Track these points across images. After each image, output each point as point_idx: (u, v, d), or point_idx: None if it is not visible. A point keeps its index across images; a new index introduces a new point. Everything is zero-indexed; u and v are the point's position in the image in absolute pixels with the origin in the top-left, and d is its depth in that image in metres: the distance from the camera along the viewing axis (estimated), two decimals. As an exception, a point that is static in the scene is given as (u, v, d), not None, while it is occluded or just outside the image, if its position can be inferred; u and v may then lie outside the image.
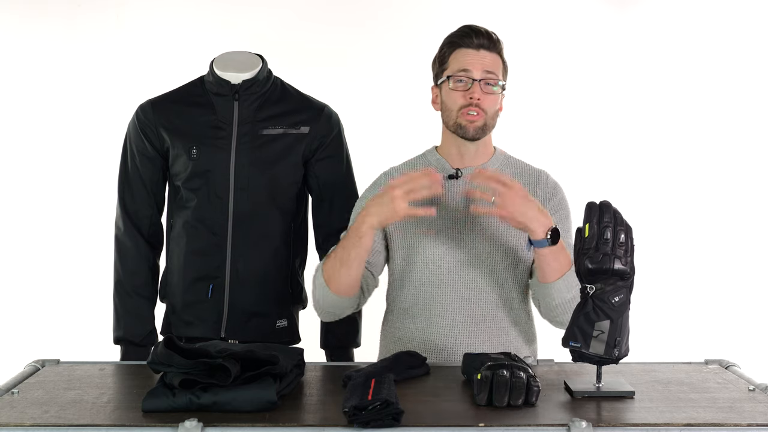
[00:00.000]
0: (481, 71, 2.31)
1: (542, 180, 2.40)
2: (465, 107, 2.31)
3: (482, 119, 2.32)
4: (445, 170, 2.39)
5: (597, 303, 1.90)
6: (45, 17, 4.23)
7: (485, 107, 2.31)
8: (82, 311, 4.12)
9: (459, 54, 2.33)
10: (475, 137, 2.33)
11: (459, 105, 2.31)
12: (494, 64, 2.33)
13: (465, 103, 2.31)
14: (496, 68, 2.33)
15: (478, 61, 2.31)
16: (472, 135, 2.33)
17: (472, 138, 2.33)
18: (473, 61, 2.31)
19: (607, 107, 4.32)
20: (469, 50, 2.33)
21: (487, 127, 2.34)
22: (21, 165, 4.26)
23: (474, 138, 2.33)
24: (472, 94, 2.30)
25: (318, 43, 4.19)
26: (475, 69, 2.31)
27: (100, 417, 1.77)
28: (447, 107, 2.35)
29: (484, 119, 2.32)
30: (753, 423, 1.74)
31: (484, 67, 2.31)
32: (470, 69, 2.31)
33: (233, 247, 2.58)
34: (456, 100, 2.32)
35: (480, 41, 2.32)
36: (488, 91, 2.31)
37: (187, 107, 2.63)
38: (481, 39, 2.32)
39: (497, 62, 2.34)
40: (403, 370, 2.06)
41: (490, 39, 2.33)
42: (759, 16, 4.31)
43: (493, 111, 2.33)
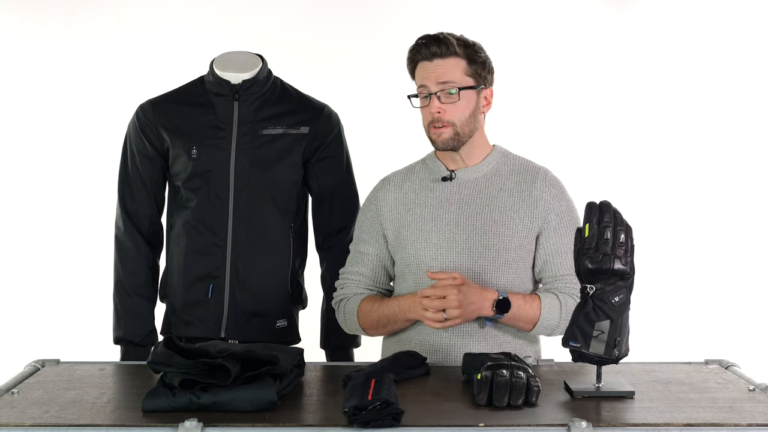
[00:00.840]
0: (434, 83, 2.29)
1: (540, 177, 2.38)
2: (431, 122, 2.31)
3: (450, 130, 2.30)
4: (440, 173, 2.40)
5: (597, 303, 1.90)
6: (45, 17, 4.23)
7: (450, 118, 2.29)
8: (82, 311, 4.12)
9: (418, 69, 2.33)
10: (447, 148, 2.33)
11: (427, 121, 2.33)
12: (451, 71, 2.29)
13: (431, 119, 2.31)
14: (454, 74, 2.29)
15: (431, 73, 2.29)
16: (442, 147, 2.33)
17: (444, 149, 2.34)
18: (427, 74, 2.30)
19: (607, 107, 4.32)
20: (424, 63, 2.31)
21: (460, 135, 2.32)
22: (21, 165, 4.25)
23: (447, 149, 2.33)
24: (431, 109, 2.30)
25: (318, 43, 4.19)
26: (430, 82, 2.30)
27: (100, 417, 1.77)
28: (422, 123, 2.36)
29: (453, 129, 2.30)
30: (753, 423, 1.74)
31: (438, 77, 2.29)
32: (426, 83, 2.30)
33: (233, 247, 2.58)
34: (425, 117, 2.34)
35: (431, 50, 2.29)
36: (449, 101, 2.29)
37: (187, 107, 2.63)
38: (432, 47, 2.29)
39: (456, 66, 2.29)
40: (403, 370, 2.06)
41: (441, 45, 2.29)
42: (759, 16, 4.31)
43: (462, 117, 2.31)
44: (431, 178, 2.40)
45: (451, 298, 2.18)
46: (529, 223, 2.34)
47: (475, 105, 2.33)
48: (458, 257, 2.32)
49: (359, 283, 2.41)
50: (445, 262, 2.32)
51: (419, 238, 2.34)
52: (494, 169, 2.39)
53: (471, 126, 2.33)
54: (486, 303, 2.23)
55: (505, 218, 2.33)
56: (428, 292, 2.21)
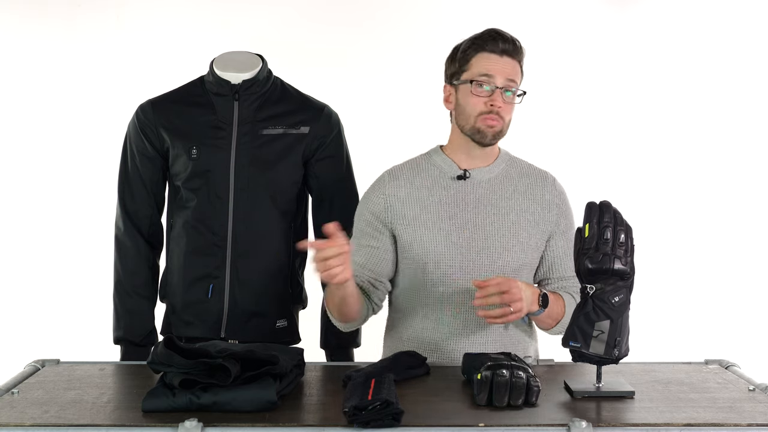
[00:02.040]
0: (503, 78, 2.29)
1: (549, 182, 2.40)
2: (484, 114, 2.29)
3: (500, 126, 2.30)
4: (452, 171, 2.38)
5: (597, 303, 1.91)
6: (45, 17, 4.23)
7: (504, 115, 2.30)
8: (82, 311, 4.11)
9: (482, 57, 2.30)
10: (491, 143, 2.33)
11: (479, 110, 2.29)
12: (515, 72, 2.31)
13: (485, 109, 2.29)
14: (518, 76, 2.32)
15: (501, 67, 2.29)
16: (489, 141, 2.32)
17: (489, 144, 2.33)
18: (496, 67, 2.29)
19: (607, 107, 4.32)
20: (492, 55, 2.30)
21: (502, 134, 2.33)
22: (21, 165, 4.25)
23: (490, 144, 2.33)
24: (494, 101, 2.28)
25: (318, 43, 4.19)
26: (498, 75, 2.29)
27: (100, 417, 1.78)
28: (464, 111, 2.32)
29: (502, 126, 2.31)
30: (753, 423, 1.74)
31: (507, 74, 2.29)
32: (493, 75, 2.29)
33: (233, 247, 2.58)
34: (475, 105, 2.30)
35: (505, 47, 2.30)
36: (508, 100, 2.30)
37: (187, 107, 2.63)
38: (506, 44, 2.30)
39: (518, 70, 2.32)
40: (403, 370, 2.06)
41: (514, 45, 2.31)
42: (759, 16, 4.31)
43: (509, 119, 2.32)
44: (443, 175, 2.38)
45: (515, 291, 2.14)
46: (543, 226, 2.35)
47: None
48: (478, 257, 2.31)
49: (360, 277, 2.36)
50: (464, 262, 2.31)
51: (438, 236, 2.32)
52: (504, 171, 2.39)
53: (507, 130, 2.35)
54: (535, 297, 2.22)
55: (521, 220, 2.34)
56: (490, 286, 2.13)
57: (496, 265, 2.31)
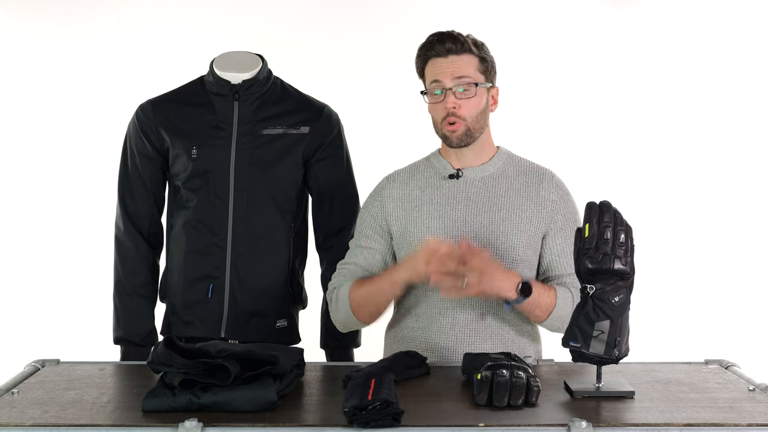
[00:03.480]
0: (450, 79, 2.29)
1: (546, 178, 2.40)
2: (445, 118, 2.31)
3: (462, 126, 2.31)
4: (446, 171, 2.39)
5: (597, 303, 1.91)
6: (45, 17, 4.23)
7: (463, 114, 2.30)
8: (82, 311, 4.12)
9: (430, 65, 2.33)
10: (461, 144, 2.33)
11: (440, 117, 2.32)
12: (466, 67, 2.30)
13: (444, 114, 2.31)
14: (469, 70, 2.31)
15: (446, 68, 2.30)
16: (456, 144, 2.33)
17: (458, 146, 2.34)
18: (442, 70, 2.30)
19: (607, 107, 4.32)
20: (438, 59, 2.31)
21: (471, 131, 2.32)
22: (21, 165, 4.26)
23: (459, 146, 2.33)
24: (446, 104, 2.30)
25: (318, 43, 4.19)
26: (445, 78, 2.30)
27: (100, 417, 1.78)
28: (432, 120, 2.37)
29: (465, 125, 2.31)
30: (753, 423, 1.74)
31: (454, 73, 2.29)
32: (440, 79, 2.30)
33: (233, 247, 2.58)
34: (436, 113, 2.34)
35: (447, 46, 2.30)
36: (463, 96, 2.30)
37: (187, 107, 2.63)
38: (447, 44, 2.30)
39: (470, 63, 2.31)
40: (403, 370, 2.06)
41: (456, 41, 2.31)
42: (759, 16, 4.31)
43: (474, 114, 2.31)
44: (437, 175, 2.40)
45: (474, 262, 2.13)
46: (536, 223, 2.35)
47: (485, 102, 2.34)
48: None
49: (354, 274, 2.39)
50: None
51: (426, 236, 2.33)
52: (500, 169, 2.39)
53: (482, 123, 2.34)
54: (509, 283, 2.20)
55: (513, 217, 2.33)
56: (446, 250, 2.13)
57: None
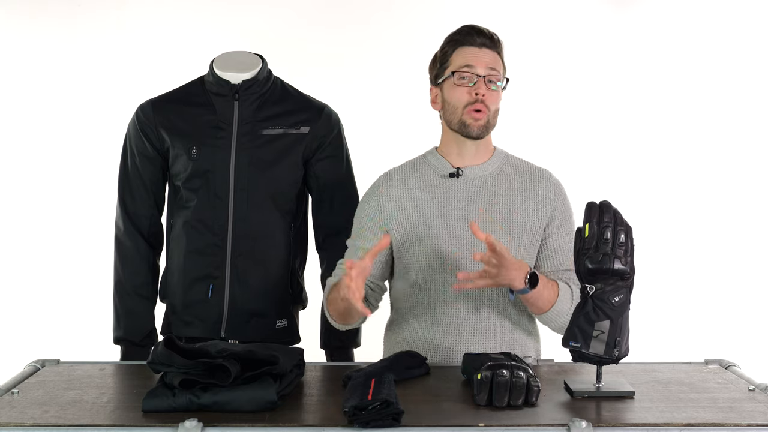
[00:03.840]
0: (484, 68, 2.32)
1: (545, 178, 2.40)
2: (470, 104, 2.31)
3: (486, 117, 2.32)
4: (445, 169, 2.39)
5: (597, 303, 1.90)
6: (45, 17, 4.23)
7: (489, 104, 2.32)
8: (82, 311, 4.12)
9: (462, 51, 2.34)
10: (479, 136, 2.34)
11: (464, 102, 2.31)
12: (496, 62, 2.34)
13: (470, 99, 2.31)
14: (498, 66, 2.35)
15: (480, 58, 2.33)
16: (476, 134, 2.33)
17: (476, 137, 2.33)
18: (476, 57, 2.32)
19: (607, 107, 4.32)
20: (471, 48, 2.34)
21: (489, 126, 2.34)
22: (21, 165, 4.26)
23: (478, 137, 2.34)
24: (478, 89, 2.30)
25: (318, 43, 4.19)
26: (479, 65, 2.32)
27: (100, 417, 1.78)
28: (451, 105, 2.34)
29: (488, 117, 2.32)
30: (753, 423, 1.74)
31: (487, 64, 2.32)
32: (474, 65, 2.32)
33: (233, 247, 2.58)
34: (460, 97, 2.32)
35: (482, 40, 2.34)
36: (491, 88, 2.32)
37: (187, 107, 2.63)
38: (483, 38, 2.34)
39: (498, 61, 2.36)
40: (403, 370, 2.06)
41: (491, 38, 2.35)
42: (759, 16, 4.31)
43: (495, 109, 2.34)
44: (436, 174, 2.39)
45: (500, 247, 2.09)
46: (537, 222, 2.35)
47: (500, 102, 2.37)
48: (468, 254, 2.31)
49: None
50: (454, 259, 2.31)
51: (428, 235, 2.33)
52: (499, 168, 2.40)
53: (495, 121, 2.36)
54: (520, 273, 2.17)
55: (514, 216, 2.34)
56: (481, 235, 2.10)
57: None
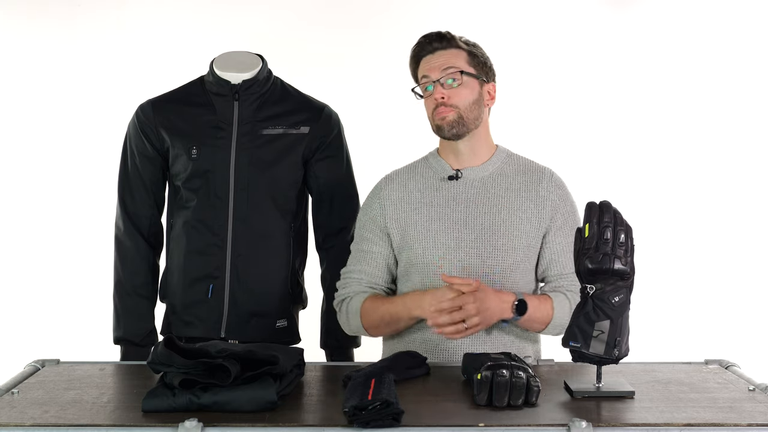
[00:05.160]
0: (438, 71, 2.32)
1: (546, 177, 2.39)
2: (435, 110, 2.32)
3: (454, 113, 2.31)
4: (445, 172, 2.39)
5: (597, 303, 1.90)
6: (44, 18, 4.23)
7: (455, 102, 2.31)
8: (82, 311, 4.12)
9: (420, 65, 2.37)
10: (453, 134, 2.32)
11: (431, 109, 2.34)
12: (453, 59, 2.33)
13: (434, 105, 2.33)
14: (455, 61, 2.33)
15: (434, 63, 2.33)
16: (448, 132, 2.32)
17: (451, 136, 2.33)
18: (429, 65, 2.34)
19: (607, 107, 4.32)
20: (427, 57, 2.35)
21: (464, 120, 2.32)
22: (21, 165, 4.26)
23: (453, 136, 2.33)
24: (434, 95, 2.31)
25: (318, 43, 4.19)
26: (432, 72, 2.33)
27: (100, 417, 1.78)
28: (427, 115, 2.37)
29: (457, 113, 2.31)
30: (753, 423, 1.74)
31: (441, 65, 2.32)
32: (428, 74, 2.34)
33: (233, 247, 2.58)
34: (428, 106, 2.35)
35: (433, 45, 2.35)
36: (449, 86, 2.32)
37: (187, 107, 2.63)
38: (434, 42, 2.35)
39: (457, 56, 2.34)
40: (403, 370, 2.06)
41: (441, 38, 2.35)
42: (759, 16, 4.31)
43: (467, 102, 2.32)
44: (436, 176, 2.40)
45: (469, 306, 2.17)
46: (537, 224, 2.35)
47: (478, 94, 2.34)
48: (467, 257, 2.32)
49: (361, 282, 2.40)
50: (453, 262, 2.31)
51: (426, 238, 2.34)
52: (500, 168, 2.39)
53: (475, 113, 2.34)
54: (505, 306, 2.23)
55: (513, 218, 2.33)
56: (444, 306, 2.17)
57: (487, 265, 2.31)
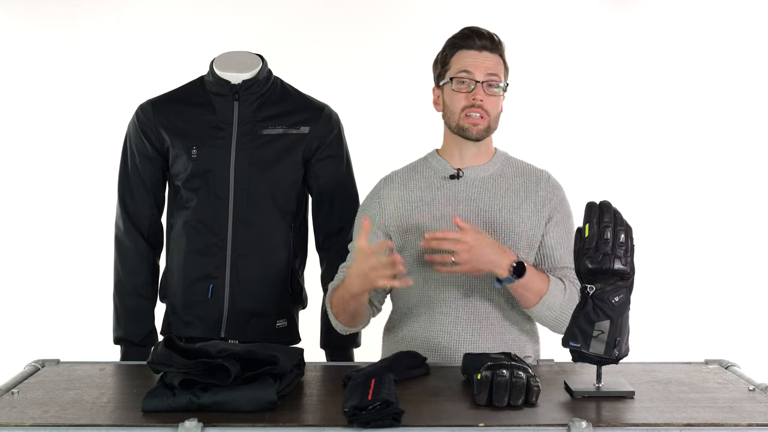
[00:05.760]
0: (483, 73, 2.31)
1: (543, 179, 2.40)
2: (467, 108, 2.31)
3: (486, 122, 2.32)
4: (445, 171, 2.39)
5: (597, 303, 1.91)
6: (44, 18, 4.23)
7: (488, 108, 2.31)
8: (82, 311, 4.12)
9: (461, 55, 2.34)
10: (478, 138, 2.34)
11: (461, 106, 2.32)
12: (496, 66, 2.33)
13: (467, 104, 2.31)
14: (498, 70, 2.33)
15: (480, 62, 2.32)
16: (475, 137, 2.33)
17: (475, 139, 2.34)
18: (475, 62, 2.32)
19: (607, 107, 4.32)
20: (471, 51, 2.33)
21: (490, 129, 2.34)
22: (21, 165, 4.26)
23: (477, 139, 2.34)
24: (475, 95, 2.30)
25: (318, 43, 4.20)
26: (477, 70, 2.31)
27: (100, 417, 1.78)
28: (449, 109, 2.35)
29: (488, 121, 2.32)
30: (753, 423, 1.74)
31: (487, 69, 2.31)
32: (472, 70, 2.31)
33: (233, 247, 2.58)
34: (458, 101, 2.32)
35: (482, 43, 2.33)
36: (490, 93, 2.31)
37: (187, 107, 2.63)
38: (484, 41, 2.33)
39: (499, 64, 2.34)
40: (403, 370, 2.06)
41: (492, 41, 2.34)
42: (759, 16, 4.31)
43: (495, 113, 2.33)
44: (437, 175, 2.40)
45: (467, 237, 2.15)
46: (536, 224, 2.35)
47: (502, 105, 2.36)
48: None
49: None
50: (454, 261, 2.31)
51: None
52: (499, 170, 2.40)
53: (497, 124, 2.36)
54: (503, 261, 2.20)
55: (514, 218, 2.34)
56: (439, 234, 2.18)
57: None
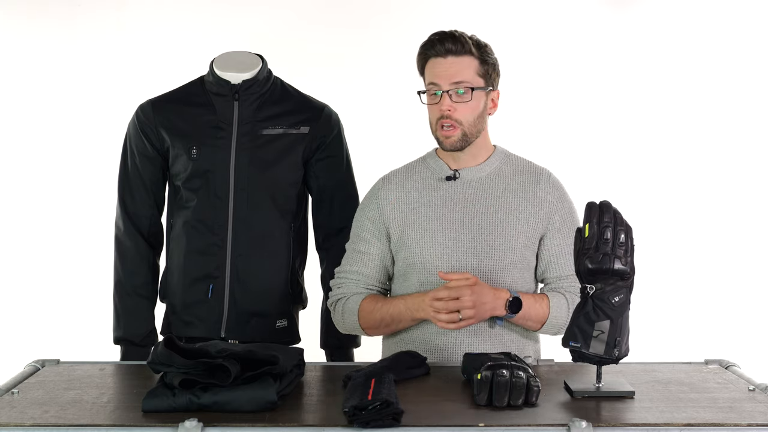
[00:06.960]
0: (447, 82, 2.27)
1: (543, 178, 2.39)
2: (440, 119, 2.30)
3: (458, 131, 2.29)
4: (442, 172, 2.39)
5: (597, 303, 1.90)
6: (44, 18, 4.23)
7: (458, 117, 2.28)
8: (82, 311, 4.11)
9: (429, 65, 2.31)
10: (455, 149, 2.32)
11: (435, 118, 2.31)
12: (464, 70, 2.28)
13: (439, 115, 2.29)
14: (467, 74, 2.28)
15: (444, 70, 2.28)
16: (449, 148, 2.32)
17: (451, 150, 2.33)
18: (440, 71, 2.28)
19: (607, 107, 4.32)
20: (437, 59, 2.29)
21: (467, 136, 2.31)
22: (21, 165, 4.25)
23: (454, 149, 2.32)
24: (441, 106, 2.28)
25: (318, 43, 4.19)
26: (442, 80, 2.28)
27: (100, 417, 1.78)
28: (429, 120, 2.35)
29: (461, 130, 2.29)
30: (753, 423, 1.74)
31: (452, 77, 2.27)
32: (437, 81, 2.28)
33: (233, 247, 2.58)
34: (432, 113, 2.32)
35: (446, 47, 2.28)
36: (459, 100, 2.28)
37: (187, 107, 2.63)
38: (447, 44, 2.28)
39: (469, 66, 2.29)
40: (403, 370, 2.06)
41: (456, 42, 2.28)
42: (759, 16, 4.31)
43: (470, 119, 2.29)
44: (434, 176, 2.40)
45: (465, 298, 2.17)
46: (534, 224, 2.35)
47: (483, 106, 2.32)
48: (464, 257, 2.32)
49: (358, 283, 2.41)
50: (450, 262, 2.32)
51: (424, 238, 2.34)
52: (497, 169, 2.39)
53: (478, 127, 2.32)
54: (499, 302, 2.23)
55: (510, 218, 2.33)
56: (441, 294, 2.19)
57: (484, 265, 2.31)
